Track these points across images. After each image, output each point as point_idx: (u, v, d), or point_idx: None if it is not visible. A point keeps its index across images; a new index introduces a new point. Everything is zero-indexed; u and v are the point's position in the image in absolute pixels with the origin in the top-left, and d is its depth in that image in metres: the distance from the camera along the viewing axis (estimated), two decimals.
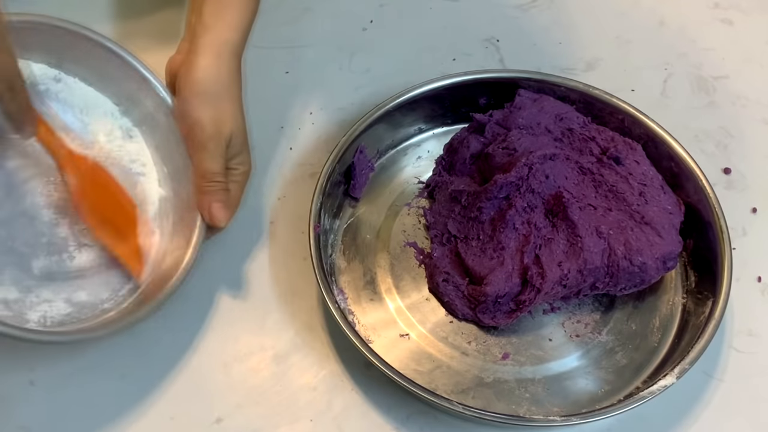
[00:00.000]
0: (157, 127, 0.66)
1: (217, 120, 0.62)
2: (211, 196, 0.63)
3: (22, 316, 0.58)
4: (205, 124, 0.62)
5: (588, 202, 0.68)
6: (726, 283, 0.66)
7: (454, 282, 0.68)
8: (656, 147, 0.73)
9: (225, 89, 0.63)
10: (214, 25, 0.62)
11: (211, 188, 0.63)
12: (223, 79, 0.62)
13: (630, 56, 0.86)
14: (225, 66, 0.62)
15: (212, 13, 0.62)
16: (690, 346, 0.64)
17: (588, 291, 0.68)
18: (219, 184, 0.63)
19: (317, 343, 0.67)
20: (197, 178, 0.63)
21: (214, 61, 0.62)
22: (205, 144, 0.62)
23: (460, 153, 0.74)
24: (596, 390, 0.66)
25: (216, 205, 0.63)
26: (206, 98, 0.62)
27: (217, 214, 0.63)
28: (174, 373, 0.65)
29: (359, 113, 0.74)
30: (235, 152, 0.64)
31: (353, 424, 0.64)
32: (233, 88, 0.63)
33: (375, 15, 0.87)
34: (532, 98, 0.74)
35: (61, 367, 0.65)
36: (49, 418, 0.63)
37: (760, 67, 0.87)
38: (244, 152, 0.65)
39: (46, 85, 0.64)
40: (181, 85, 0.62)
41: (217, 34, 0.62)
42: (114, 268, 0.63)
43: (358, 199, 0.74)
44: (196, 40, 0.62)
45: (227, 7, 0.62)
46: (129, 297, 0.62)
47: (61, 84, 0.65)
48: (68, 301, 0.60)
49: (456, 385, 0.65)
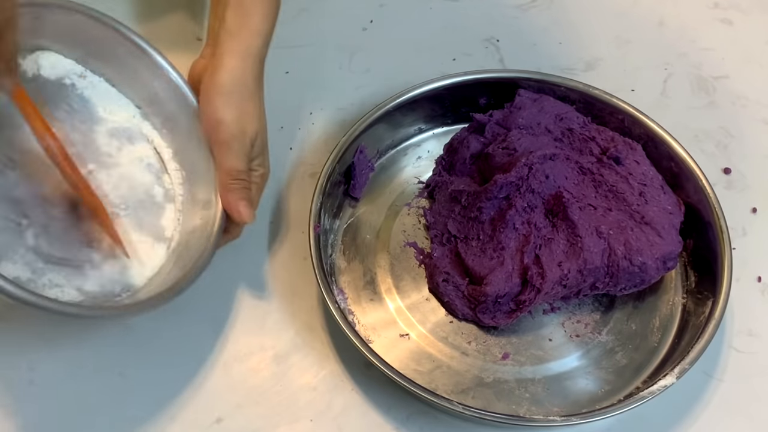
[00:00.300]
0: (177, 129, 0.67)
1: (242, 120, 0.63)
2: (237, 194, 0.64)
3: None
4: (230, 122, 0.62)
5: (588, 202, 0.68)
6: (726, 283, 0.66)
7: (454, 282, 0.68)
8: (656, 147, 0.73)
9: (249, 92, 0.63)
10: (238, 31, 0.63)
11: (237, 186, 0.64)
12: (247, 81, 0.63)
13: (630, 56, 0.86)
14: (249, 70, 0.63)
15: (236, 19, 0.63)
16: (690, 346, 0.64)
17: (588, 291, 0.68)
18: (244, 182, 0.64)
19: (317, 343, 0.67)
20: (223, 176, 0.64)
21: (240, 64, 0.63)
22: (230, 143, 0.63)
23: (460, 153, 0.74)
24: (596, 390, 0.66)
25: (242, 202, 0.64)
26: (231, 99, 0.63)
27: (245, 211, 0.64)
28: (174, 373, 0.65)
29: (359, 113, 0.74)
30: (256, 153, 0.65)
31: (353, 424, 0.64)
32: (257, 91, 0.64)
33: (375, 15, 0.87)
34: (532, 98, 0.74)
35: (61, 367, 0.65)
36: (49, 417, 0.63)
37: (760, 67, 0.87)
38: (264, 155, 0.66)
39: (71, 80, 0.65)
40: (207, 87, 0.63)
41: (241, 39, 0.63)
42: (126, 266, 0.63)
43: (358, 199, 0.74)
44: (221, 45, 0.63)
45: (250, 14, 0.63)
46: (138, 293, 0.62)
47: (86, 81, 0.66)
48: (80, 289, 0.60)
49: (456, 385, 0.65)
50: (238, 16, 0.63)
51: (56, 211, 0.61)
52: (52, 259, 0.59)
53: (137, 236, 0.64)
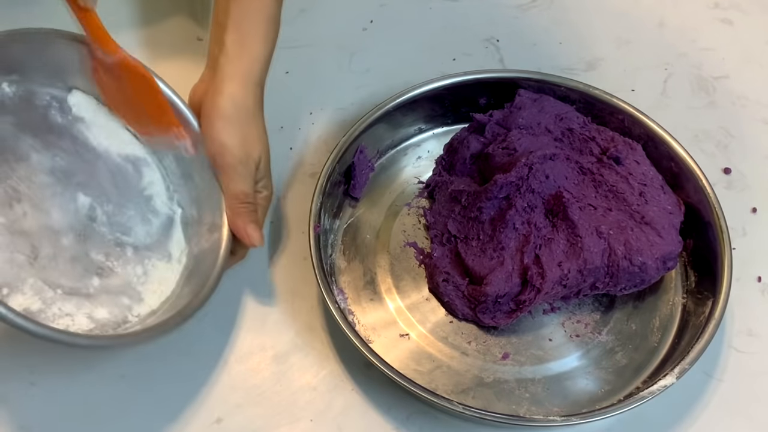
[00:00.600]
0: (181, 155, 0.67)
1: (245, 143, 0.63)
2: (246, 217, 0.64)
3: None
4: (235, 147, 0.63)
5: (588, 202, 0.68)
6: (726, 283, 0.66)
7: (454, 282, 0.68)
8: (656, 147, 0.73)
9: (250, 115, 0.64)
10: (238, 56, 0.64)
11: (245, 209, 0.64)
12: (248, 105, 0.64)
13: (630, 56, 0.86)
14: (250, 94, 0.64)
15: (235, 44, 0.63)
16: (690, 346, 0.64)
17: (588, 291, 0.68)
18: (251, 205, 0.65)
19: (317, 343, 0.67)
20: (230, 200, 0.64)
21: (240, 89, 0.63)
22: (236, 167, 0.63)
23: (460, 153, 0.74)
24: (596, 390, 0.66)
25: (251, 225, 0.64)
26: (233, 122, 0.63)
27: (254, 234, 0.64)
28: (174, 373, 0.65)
29: (359, 113, 0.74)
30: (261, 176, 0.66)
31: (353, 424, 0.64)
32: (258, 114, 0.65)
33: (375, 15, 0.87)
34: (532, 98, 0.74)
35: (61, 367, 0.65)
36: (49, 418, 0.63)
37: (760, 67, 0.87)
38: (268, 177, 0.67)
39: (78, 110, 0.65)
40: (208, 112, 0.64)
41: (240, 65, 0.64)
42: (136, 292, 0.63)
43: (358, 199, 0.74)
44: (221, 69, 0.63)
45: (249, 39, 0.64)
46: (148, 319, 0.62)
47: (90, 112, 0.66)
48: (90, 317, 0.60)
49: (456, 385, 0.65)
50: (237, 41, 0.64)
51: (64, 240, 0.61)
52: (62, 288, 0.59)
53: (147, 261, 0.64)
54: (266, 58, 0.65)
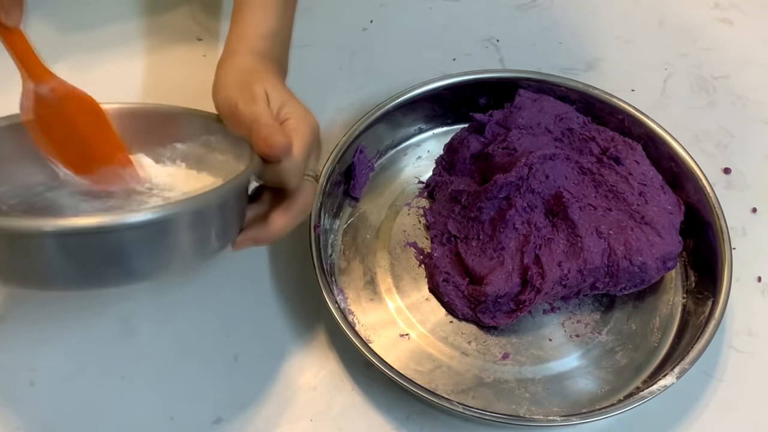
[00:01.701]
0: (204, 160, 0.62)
1: (241, 87, 0.58)
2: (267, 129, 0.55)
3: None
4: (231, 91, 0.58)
5: (588, 202, 0.68)
6: (726, 283, 0.66)
7: (454, 282, 0.68)
8: (656, 147, 0.73)
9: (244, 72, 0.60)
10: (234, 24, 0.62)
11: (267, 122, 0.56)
12: (240, 65, 0.60)
13: (630, 56, 0.86)
14: (241, 56, 0.61)
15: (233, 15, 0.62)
16: (690, 346, 0.64)
17: (588, 291, 0.68)
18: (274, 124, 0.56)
19: (317, 343, 0.67)
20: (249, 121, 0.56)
21: (229, 54, 0.61)
22: (236, 102, 0.57)
23: (460, 153, 0.74)
24: (596, 390, 0.66)
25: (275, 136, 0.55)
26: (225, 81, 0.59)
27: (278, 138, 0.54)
28: (174, 373, 0.65)
29: (359, 113, 0.74)
30: (278, 105, 0.59)
31: (353, 424, 0.64)
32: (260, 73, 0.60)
33: (375, 15, 0.87)
34: (532, 98, 0.74)
35: (61, 367, 0.65)
36: (49, 418, 0.63)
37: (760, 67, 0.87)
38: (291, 103, 0.60)
39: None
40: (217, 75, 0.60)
41: (233, 32, 0.62)
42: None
43: (358, 199, 0.74)
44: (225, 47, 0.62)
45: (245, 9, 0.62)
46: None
47: None
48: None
49: (456, 385, 0.66)
50: (235, 11, 0.63)
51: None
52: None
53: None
54: (264, 25, 0.62)
